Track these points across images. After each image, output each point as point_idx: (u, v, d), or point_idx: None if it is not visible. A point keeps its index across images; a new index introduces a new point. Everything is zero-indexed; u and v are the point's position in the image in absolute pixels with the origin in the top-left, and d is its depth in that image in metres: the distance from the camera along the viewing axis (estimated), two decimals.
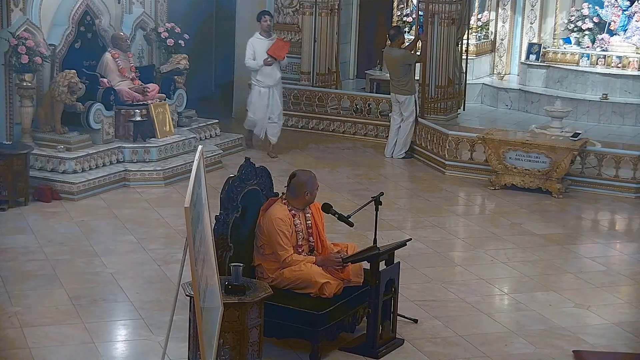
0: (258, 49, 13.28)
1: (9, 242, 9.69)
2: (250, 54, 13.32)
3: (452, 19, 14.19)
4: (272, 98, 13.46)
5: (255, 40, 13.37)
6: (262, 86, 13.37)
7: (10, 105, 11.57)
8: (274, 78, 13.43)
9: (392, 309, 7.57)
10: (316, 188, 7.54)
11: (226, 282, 6.65)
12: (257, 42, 13.34)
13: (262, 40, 13.32)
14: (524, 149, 12.23)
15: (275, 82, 13.48)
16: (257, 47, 13.29)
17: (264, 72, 13.32)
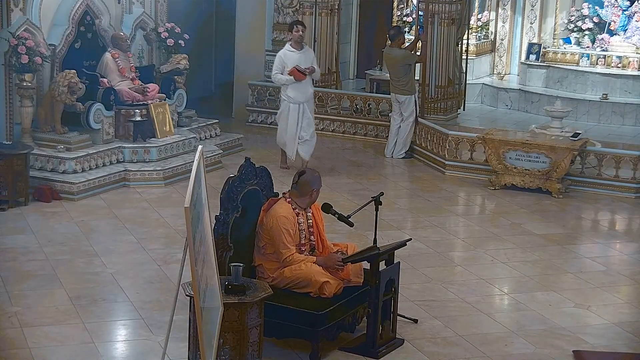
0: (289, 62, 12.20)
1: (9, 242, 9.69)
2: (279, 68, 12.26)
3: (452, 19, 14.19)
4: (303, 115, 12.42)
5: (286, 53, 12.30)
6: (293, 102, 12.35)
7: (10, 105, 11.57)
8: (305, 93, 12.42)
9: (392, 309, 7.57)
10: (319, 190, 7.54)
11: (226, 282, 6.65)
12: (287, 55, 12.28)
13: (293, 52, 12.28)
14: (524, 149, 12.23)
15: (307, 97, 12.46)
16: (288, 60, 12.22)
17: (295, 87, 12.29)
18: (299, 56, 12.24)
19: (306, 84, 12.32)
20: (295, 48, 12.25)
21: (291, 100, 12.32)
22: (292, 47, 12.28)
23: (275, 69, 12.28)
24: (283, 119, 12.48)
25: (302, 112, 12.37)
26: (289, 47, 12.31)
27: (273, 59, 15.78)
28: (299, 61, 12.17)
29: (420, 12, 14.97)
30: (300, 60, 12.18)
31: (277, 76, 12.30)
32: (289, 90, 12.31)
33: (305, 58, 12.30)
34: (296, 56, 12.23)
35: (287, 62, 12.19)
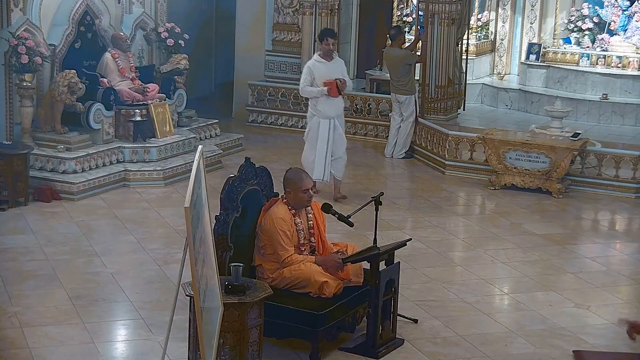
0: (318, 74, 11.18)
1: (9, 242, 9.69)
2: (308, 80, 11.23)
3: (452, 19, 14.19)
4: (334, 131, 11.38)
5: (315, 64, 11.26)
6: (323, 117, 11.28)
7: (10, 105, 11.57)
8: (337, 107, 11.38)
9: (392, 309, 7.57)
10: (304, 188, 7.41)
11: (226, 282, 6.65)
12: (316, 66, 11.24)
13: (322, 63, 11.23)
14: (524, 149, 12.23)
15: (339, 112, 11.45)
16: (317, 72, 11.19)
17: (326, 100, 11.25)
18: (328, 67, 11.20)
19: (338, 97, 11.32)
20: (324, 58, 11.21)
21: (321, 115, 11.26)
22: (321, 58, 11.23)
23: (304, 81, 11.26)
24: (312, 136, 11.39)
25: (334, 127, 11.35)
26: (317, 57, 11.28)
27: (273, 59, 16.02)
28: (329, 72, 11.17)
29: (420, 12, 14.96)
30: (330, 72, 11.18)
31: (307, 89, 11.26)
32: (320, 104, 11.27)
33: (335, 69, 11.27)
34: (326, 67, 11.19)
35: (317, 73, 11.18)
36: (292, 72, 15.77)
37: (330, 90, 11.12)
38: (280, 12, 15.83)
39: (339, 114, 11.39)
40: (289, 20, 15.79)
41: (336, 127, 11.36)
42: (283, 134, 15.10)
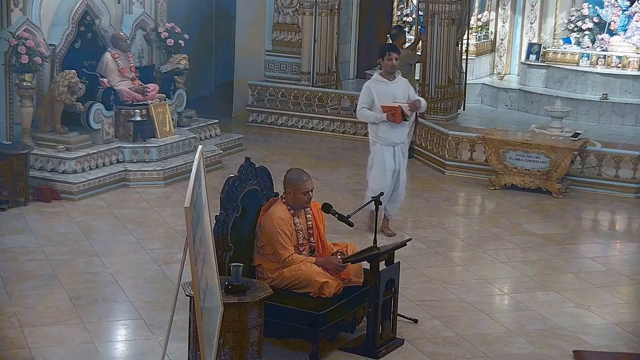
0: (378, 95, 9.83)
1: (9, 242, 9.69)
2: (366, 102, 9.88)
3: (452, 19, 14.19)
4: (399, 159, 10.06)
5: (375, 84, 9.93)
6: (386, 144, 9.95)
7: (10, 105, 11.57)
8: (401, 133, 10.08)
9: (392, 309, 7.57)
10: (304, 190, 7.39)
11: (226, 282, 6.65)
12: (376, 87, 9.90)
13: (383, 83, 9.90)
14: (524, 149, 12.23)
15: (403, 137, 10.16)
16: (377, 93, 9.84)
17: (387, 126, 9.89)
18: (390, 87, 9.87)
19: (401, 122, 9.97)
20: (385, 77, 9.88)
21: (384, 142, 9.92)
22: (381, 77, 9.91)
23: (362, 103, 9.93)
24: (379, 167, 9.99)
25: (398, 155, 10.01)
26: (377, 76, 9.94)
27: (273, 59, 16.02)
28: (391, 93, 9.84)
29: (420, 12, 14.97)
30: (392, 92, 9.84)
31: (364, 112, 9.90)
32: (380, 130, 9.89)
33: (397, 89, 9.92)
34: (387, 88, 9.87)
35: (377, 94, 9.83)
36: (292, 72, 15.78)
37: (392, 116, 9.76)
38: (280, 12, 15.83)
39: (403, 140, 10.10)
40: (289, 20, 15.79)
41: (399, 154, 10.03)
42: (283, 134, 15.10)
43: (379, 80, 9.92)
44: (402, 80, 10.09)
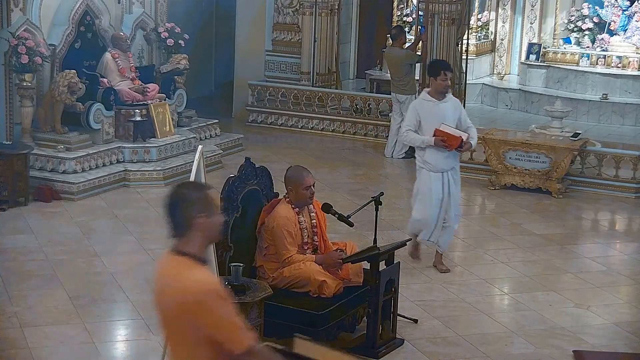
0: (425, 116, 8.86)
1: (9, 242, 9.69)
2: (412, 123, 8.90)
3: (452, 19, 14.18)
4: (448, 188, 9.02)
5: (422, 104, 8.94)
6: (434, 170, 8.97)
7: (10, 105, 11.57)
8: (451, 159, 8.99)
9: (392, 309, 7.57)
10: (305, 185, 7.38)
11: (226, 282, 6.65)
12: (423, 107, 8.91)
13: (432, 103, 8.88)
14: (524, 149, 12.23)
15: (453, 163, 9.04)
16: (424, 113, 8.88)
17: (435, 151, 8.90)
18: (439, 108, 8.86)
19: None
20: (434, 97, 8.88)
21: (431, 168, 8.93)
22: (429, 96, 8.89)
23: (407, 125, 8.97)
24: (423, 191, 9.14)
25: (447, 182, 9.00)
26: (425, 95, 8.95)
27: (273, 59, 16.02)
28: (439, 115, 8.84)
29: (420, 12, 14.97)
30: (441, 114, 8.84)
31: (409, 135, 8.92)
32: (427, 155, 8.92)
33: (447, 111, 8.89)
34: (435, 108, 8.86)
35: (423, 115, 8.87)
36: (292, 72, 15.79)
37: (444, 142, 8.77)
38: (280, 12, 15.83)
39: (453, 166, 9.02)
40: (289, 20, 15.79)
41: (450, 183, 8.99)
42: (283, 134, 15.10)
43: (427, 99, 8.87)
44: (452, 100, 9.03)
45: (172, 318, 4.06)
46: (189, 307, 3.98)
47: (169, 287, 4.06)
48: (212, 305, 3.97)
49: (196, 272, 4.03)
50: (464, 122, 8.98)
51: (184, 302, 3.98)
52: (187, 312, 3.99)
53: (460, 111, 9.03)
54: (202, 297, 3.97)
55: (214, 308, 3.98)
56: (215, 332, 4.01)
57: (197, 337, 4.02)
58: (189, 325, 4.02)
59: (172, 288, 4.04)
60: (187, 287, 4.00)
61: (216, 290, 4.01)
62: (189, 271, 4.04)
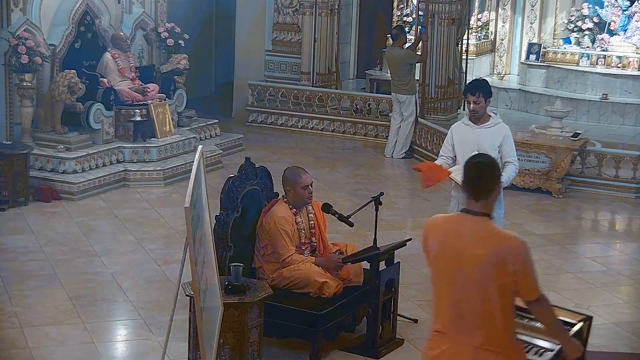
0: (459, 140, 8.10)
1: (9, 242, 9.69)
2: (445, 147, 8.21)
3: (452, 19, 14.19)
4: None
5: (459, 127, 8.20)
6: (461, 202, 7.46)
7: (10, 105, 11.57)
8: None
9: (392, 309, 7.57)
10: (303, 184, 7.39)
11: (226, 282, 6.65)
12: (459, 131, 8.16)
13: (468, 127, 8.08)
14: (524, 149, 12.22)
15: None
16: (458, 137, 8.12)
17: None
18: (475, 134, 8.02)
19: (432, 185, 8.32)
20: (471, 121, 8.07)
21: (459, 199, 8.06)
22: (468, 119, 8.13)
23: (441, 151, 8.31)
24: None
25: None
26: (465, 118, 8.20)
27: (273, 59, 16.04)
28: (473, 142, 7.94)
29: (420, 12, 14.97)
30: (475, 141, 7.95)
31: (439, 160, 8.24)
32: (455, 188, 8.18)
33: (485, 137, 8.00)
34: (470, 134, 8.04)
35: (457, 140, 8.11)
36: (292, 72, 15.79)
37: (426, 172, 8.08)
38: (280, 12, 15.83)
39: None
40: (289, 20, 15.79)
41: None
42: (283, 134, 15.10)
43: (465, 123, 8.11)
44: (498, 127, 8.03)
45: (482, 266, 4.70)
46: (505, 256, 4.71)
47: (483, 240, 4.74)
48: (525, 256, 4.79)
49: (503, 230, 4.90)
50: (504, 155, 8.03)
51: (502, 252, 4.71)
52: (502, 260, 4.70)
53: (503, 141, 8.00)
54: (518, 248, 4.77)
55: (525, 258, 4.79)
56: (522, 278, 4.76)
57: (502, 283, 4.71)
58: (500, 272, 4.70)
59: (489, 241, 4.75)
60: (505, 240, 4.76)
61: (526, 244, 4.84)
62: (497, 228, 4.87)
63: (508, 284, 4.72)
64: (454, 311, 4.82)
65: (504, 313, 4.77)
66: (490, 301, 4.73)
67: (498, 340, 4.77)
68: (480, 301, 4.74)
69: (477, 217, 4.79)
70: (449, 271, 4.81)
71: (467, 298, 4.76)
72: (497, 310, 4.74)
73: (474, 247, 4.74)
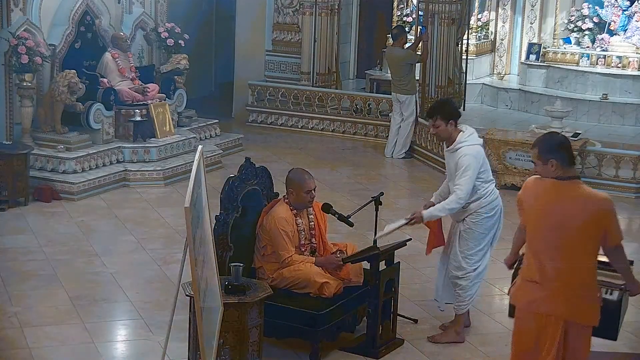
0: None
1: (9, 242, 9.69)
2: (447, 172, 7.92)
3: (452, 19, 14.18)
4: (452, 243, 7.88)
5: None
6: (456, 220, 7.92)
7: (10, 105, 11.58)
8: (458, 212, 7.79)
9: (392, 309, 7.57)
10: (307, 189, 7.36)
11: (226, 282, 6.65)
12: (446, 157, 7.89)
13: (447, 152, 7.79)
14: (524, 149, 12.23)
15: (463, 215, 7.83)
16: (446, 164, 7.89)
17: None
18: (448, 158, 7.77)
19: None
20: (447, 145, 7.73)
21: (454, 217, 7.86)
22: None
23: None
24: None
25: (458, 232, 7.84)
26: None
27: (273, 59, 16.03)
28: (449, 165, 7.76)
29: (420, 12, 14.97)
30: (449, 165, 7.77)
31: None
32: None
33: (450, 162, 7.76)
34: (448, 158, 7.79)
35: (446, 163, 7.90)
36: (292, 72, 15.79)
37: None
38: (280, 12, 15.83)
39: (463, 218, 7.80)
40: (289, 20, 15.80)
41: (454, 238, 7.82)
42: (283, 134, 15.10)
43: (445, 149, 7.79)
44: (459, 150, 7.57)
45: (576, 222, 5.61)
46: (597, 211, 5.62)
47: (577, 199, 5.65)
48: (612, 210, 5.67)
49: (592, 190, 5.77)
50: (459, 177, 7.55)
51: (594, 208, 5.62)
52: (595, 215, 5.62)
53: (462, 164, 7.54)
54: (607, 204, 5.66)
55: (613, 212, 5.67)
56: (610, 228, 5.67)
57: (597, 233, 5.64)
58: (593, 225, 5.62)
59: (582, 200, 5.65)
60: (596, 198, 5.67)
61: (611, 200, 5.71)
62: (588, 188, 5.74)
63: (598, 235, 5.63)
64: (550, 263, 5.67)
65: (592, 262, 5.71)
66: (582, 252, 5.66)
67: (586, 285, 5.71)
68: (574, 253, 5.64)
69: (571, 181, 5.70)
70: (545, 228, 5.68)
71: (562, 251, 5.64)
72: (587, 260, 5.69)
73: (570, 206, 5.64)
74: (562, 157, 5.78)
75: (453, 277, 7.74)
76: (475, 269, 7.73)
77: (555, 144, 5.87)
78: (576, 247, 5.66)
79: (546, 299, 5.71)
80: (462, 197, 7.55)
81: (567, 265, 5.67)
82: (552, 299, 5.71)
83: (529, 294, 5.79)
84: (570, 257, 5.66)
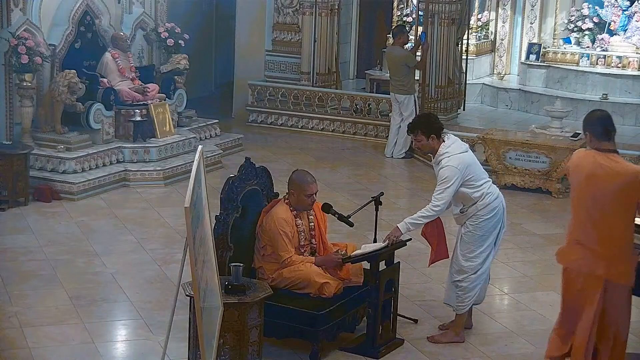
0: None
1: (9, 242, 9.69)
2: None
3: (452, 19, 14.19)
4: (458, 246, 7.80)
5: None
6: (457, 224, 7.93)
7: (10, 105, 11.57)
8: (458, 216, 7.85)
9: (392, 309, 7.57)
10: (308, 192, 7.34)
11: (226, 282, 6.65)
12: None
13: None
14: (524, 149, 12.23)
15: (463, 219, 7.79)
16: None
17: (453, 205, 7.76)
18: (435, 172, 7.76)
19: None
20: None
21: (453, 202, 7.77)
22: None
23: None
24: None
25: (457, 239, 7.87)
26: None
27: (273, 59, 16.05)
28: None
29: (420, 12, 14.97)
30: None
31: None
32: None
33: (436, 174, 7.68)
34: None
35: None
36: (292, 72, 15.79)
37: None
38: (280, 12, 15.83)
39: (464, 222, 7.73)
40: (289, 20, 15.79)
41: (461, 236, 7.75)
42: (283, 134, 15.10)
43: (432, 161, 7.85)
44: (441, 162, 7.55)
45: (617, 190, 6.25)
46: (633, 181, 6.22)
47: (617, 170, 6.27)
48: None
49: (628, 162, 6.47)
50: (435, 190, 7.59)
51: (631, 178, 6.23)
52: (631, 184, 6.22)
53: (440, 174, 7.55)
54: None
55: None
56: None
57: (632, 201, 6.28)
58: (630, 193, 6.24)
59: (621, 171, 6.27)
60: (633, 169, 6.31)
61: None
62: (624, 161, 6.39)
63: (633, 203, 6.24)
64: (593, 228, 6.33)
65: (630, 227, 6.36)
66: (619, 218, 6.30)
67: (624, 249, 6.37)
68: (612, 219, 6.28)
69: (610, 154, 6.31)
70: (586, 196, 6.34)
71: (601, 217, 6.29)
72: (626, 225, 6.34)
73: (611, 176, 6.25)
74: (596, 130, 6.34)
75: (454, 279, 7.76)
76: (477, 271, 7.68)
77: (590, 118, 6.45)
78: (613, 214, 6.29)
79: (588, 260, 6.37)
80: (439, 206, 7.50)
81: (606, 230, 6.31)
82: (593, 260, 6.35)
83: (573, 254, 6.49)
84: (608, 222, 6.29)
